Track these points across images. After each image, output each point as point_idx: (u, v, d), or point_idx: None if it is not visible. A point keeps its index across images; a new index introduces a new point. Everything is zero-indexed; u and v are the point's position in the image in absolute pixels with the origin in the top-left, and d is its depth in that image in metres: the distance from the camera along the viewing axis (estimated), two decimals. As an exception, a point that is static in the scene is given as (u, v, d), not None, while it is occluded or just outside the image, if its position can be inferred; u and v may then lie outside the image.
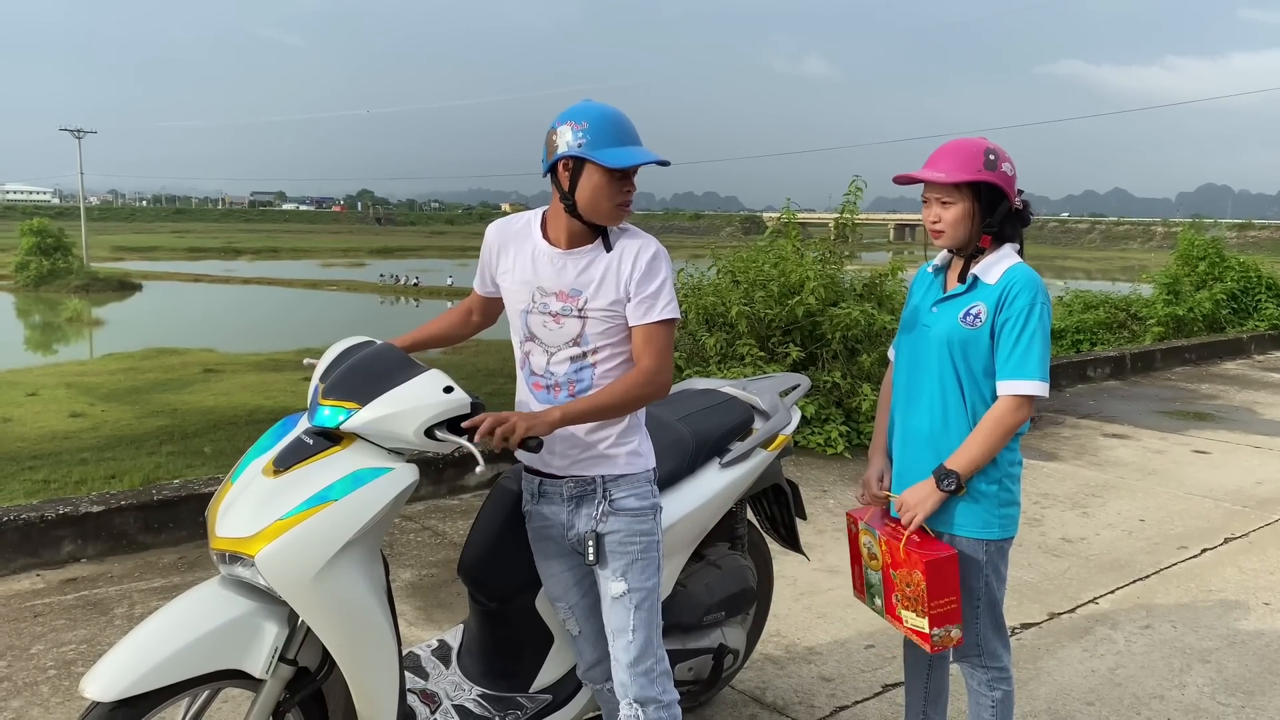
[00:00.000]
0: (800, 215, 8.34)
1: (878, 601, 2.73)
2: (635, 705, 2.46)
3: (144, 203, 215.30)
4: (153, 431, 13.30)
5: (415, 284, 48.15)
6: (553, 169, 2.36)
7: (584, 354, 2.39)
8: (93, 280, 44.84)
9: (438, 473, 5.58)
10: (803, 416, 6.97)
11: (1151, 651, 3.97)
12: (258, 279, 51.44)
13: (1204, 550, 5.17)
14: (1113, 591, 4.59)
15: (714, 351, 7.27)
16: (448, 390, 2.25)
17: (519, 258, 2.46)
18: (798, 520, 3.43)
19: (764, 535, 3.46)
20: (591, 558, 2.44)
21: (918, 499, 2.56)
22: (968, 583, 2.61)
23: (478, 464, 2.21)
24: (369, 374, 2.30)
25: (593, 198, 2.32)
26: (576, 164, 2.31)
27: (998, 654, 2.71)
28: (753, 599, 3.17)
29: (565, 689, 2.81)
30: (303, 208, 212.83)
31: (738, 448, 3.04)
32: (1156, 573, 4.83)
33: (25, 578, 4.33)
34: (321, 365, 2.44)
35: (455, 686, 2.79)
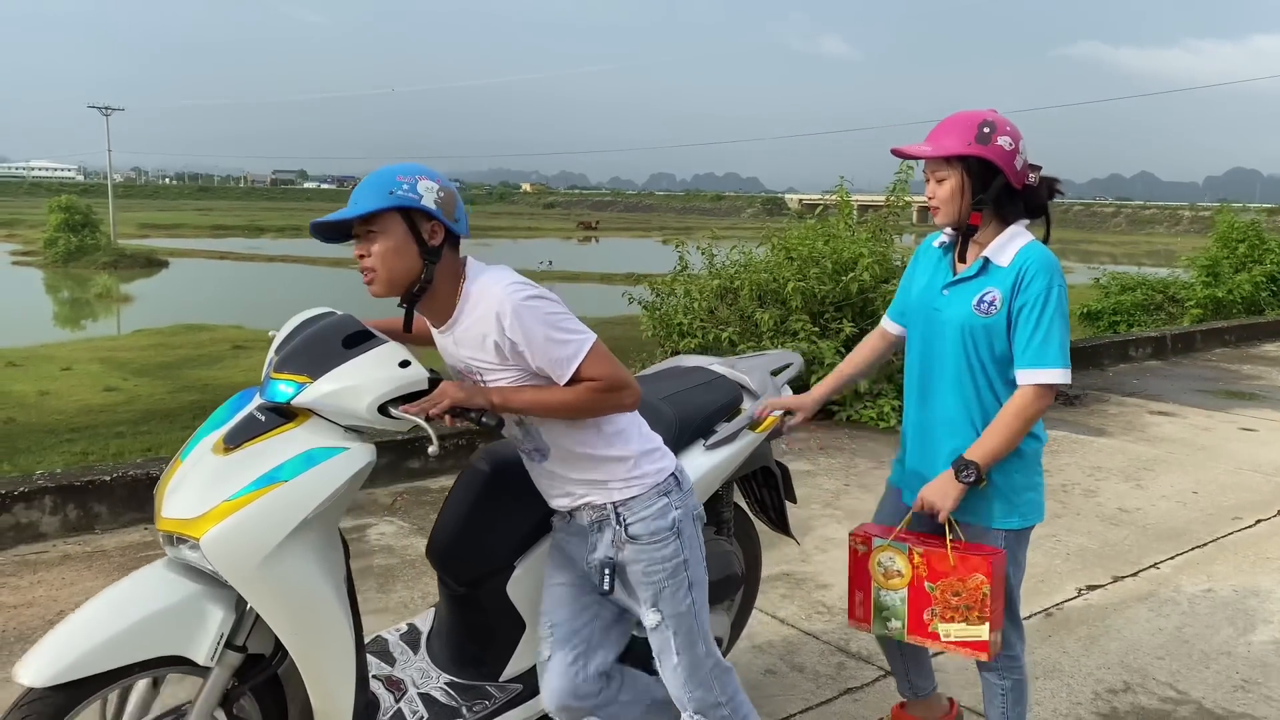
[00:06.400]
0: (824, 196, 8.48)
1: (893, 624, 2.60)
2: (698, 717, 2.45)
3: (167, 180, 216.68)
4: (185, 406, 13.54)
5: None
6: None
7: (519, 420, 2.30)
8: (120, 257, 45.17)
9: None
10: (856, 391, 7.12)
11: (1215, 613, 4.13)
12: (282, 257, 51.81)
13: (1258, 521, 5.31)
14: (1172, 558, 4.74)
15: (767, 327, 7.43)
16: (404, 364, 2.13)
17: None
18: (788, 503, 3.31)
19: (753, 519, 3.33)
20: (605, 587, 2.36)
21: (939, 493, 2.47)
22: None
23: (431, 444, 2.10)
24: (324, 347, 2.18)
25: None
26: None
27: (1011, 643, 2.67)
28: (738, 585, 3.05)
29: (537, 679, 2.64)
30: (324, 186, 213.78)
31: (724, 429, 2.89)
32: (1213, 541, 4.98)
33: (135, 530, 4.58)
34: (279, 337, 2.32)
35: (422, 674, 2.68)
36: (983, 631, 2.49)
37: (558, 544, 2.51)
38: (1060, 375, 2.39)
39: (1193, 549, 4.87)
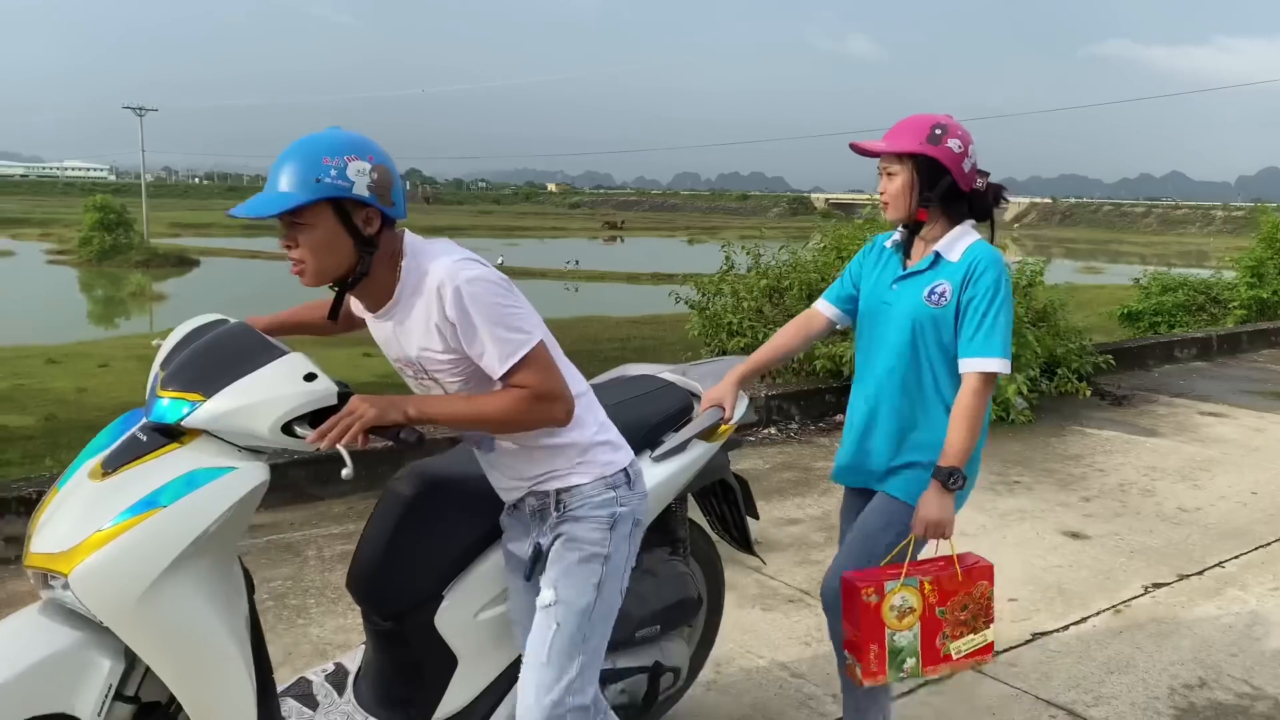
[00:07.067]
0: (849, 197, 8.51)
1: (910, 662, 2.54)
2: None
3: (197, 180, 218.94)
4: (222, 404, 13.70)
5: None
6: None
7: None
8: (153, 256, 45.73)
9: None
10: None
11: (1285, 611, 4.16)
12: (313, 256, 52.12)
13: (1320, 522, 5.32)
14: (1237, 557, 4.77)
15: (817, 326, 7.47)
16: (310, 378, 1.92)
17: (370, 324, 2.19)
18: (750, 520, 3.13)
19: (712, 537, 3.14)
20: (525, 573, 2.21)
21: (940, 508, 2.48)
22: (882, 536, 2.62)
23: (344, 467, 1.86)
24: (217, 359, 1.98)
25: None
26: None
27: None
28: (695, 610, 2.85)
29: (470, 719, 2.50)
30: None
31: (672, 439, 2.68)
32: (1277, 541, 4.99)
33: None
34: (165, 349, 2.11)
35: (347, 717, 2.47)
36: (989, 634, 2.60)
37: (507, 545, 2.35)
38: (1001, 365, 2.50)
39: (1256, 549, 4.88)
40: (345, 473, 1.85)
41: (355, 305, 2.18)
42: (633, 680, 2.67)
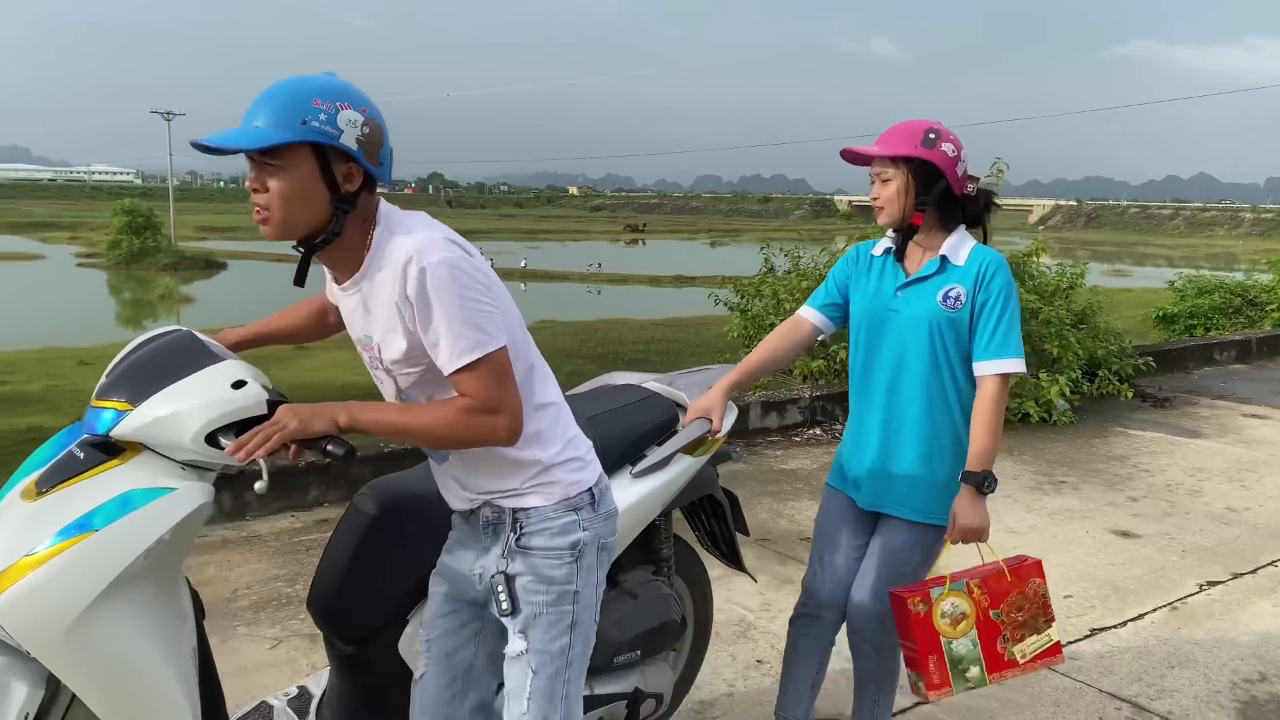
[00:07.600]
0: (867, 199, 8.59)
1: (973, 670, 2.51)
2: None
3: (221, 184, 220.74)
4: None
5: (490, 263, 48.81)
6: None
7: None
8: (180, 259, 46.11)
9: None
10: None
11: (1341, 609, 4.19)
12: (339, 259, 52.37)
13: (1370, 522, 5.34)
14: (1289, 556, 4.80)
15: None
16: (238, 385, 1.82)
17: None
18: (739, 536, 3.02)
19: (702, 554, 3.03)
20: (506, 606, 1.97)
21: (974, 515, 2.48)
22: (908, 564, 2.61)
23: (259, 479, 1.79)
24: (154, 367, 1.88)
25: None
26: None
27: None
28: (678, 633, 2.69)
29: None
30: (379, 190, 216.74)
31: (654, 453, 2.55)
32: (1328, 541, 5.03)
33: (284, 517, 4.83)
34: (114, 361, 2.01)
35: None
36: (1052, 634, 2.57)
37: (450, 546, 2.15)
38: (1017, 364, 2.51)
39: (1308, 548, 4.92)
40: (258, 486, 1.78)
41: (332, 293, 2.04)
42: (611, 709, 2.56)
